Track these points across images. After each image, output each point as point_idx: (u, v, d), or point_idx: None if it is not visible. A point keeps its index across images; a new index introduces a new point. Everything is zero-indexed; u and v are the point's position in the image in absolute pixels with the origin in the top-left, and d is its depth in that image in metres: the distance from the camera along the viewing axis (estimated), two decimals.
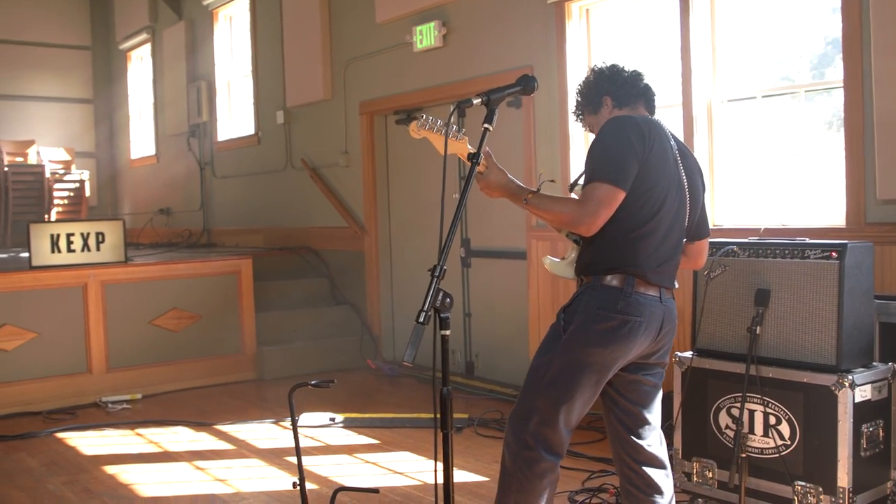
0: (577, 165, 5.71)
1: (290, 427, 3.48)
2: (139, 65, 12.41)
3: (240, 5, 9.66)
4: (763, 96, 4.77)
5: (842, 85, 4.29)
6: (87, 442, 5.34)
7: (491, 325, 6.66)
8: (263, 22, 9.05)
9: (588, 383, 2.68)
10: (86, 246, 6.54)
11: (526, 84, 2.28)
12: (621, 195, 2.57)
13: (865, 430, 3.30)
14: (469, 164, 2.36)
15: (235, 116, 9.96)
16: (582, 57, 5.71)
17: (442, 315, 2.05)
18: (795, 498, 3.34)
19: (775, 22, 4.81)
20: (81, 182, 11.72)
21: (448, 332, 2.07)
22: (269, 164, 9.06)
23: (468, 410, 5.70)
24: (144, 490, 4.37)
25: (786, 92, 4.73)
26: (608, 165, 2.60)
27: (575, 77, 5.68)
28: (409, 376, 6.89)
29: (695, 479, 3.72)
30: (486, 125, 2.21)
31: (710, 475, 3.65)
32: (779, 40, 4.81)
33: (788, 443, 3.39)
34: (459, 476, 4.42)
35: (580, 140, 5.72)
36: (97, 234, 6.62)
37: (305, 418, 5.56)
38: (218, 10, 10.01)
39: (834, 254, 3.30)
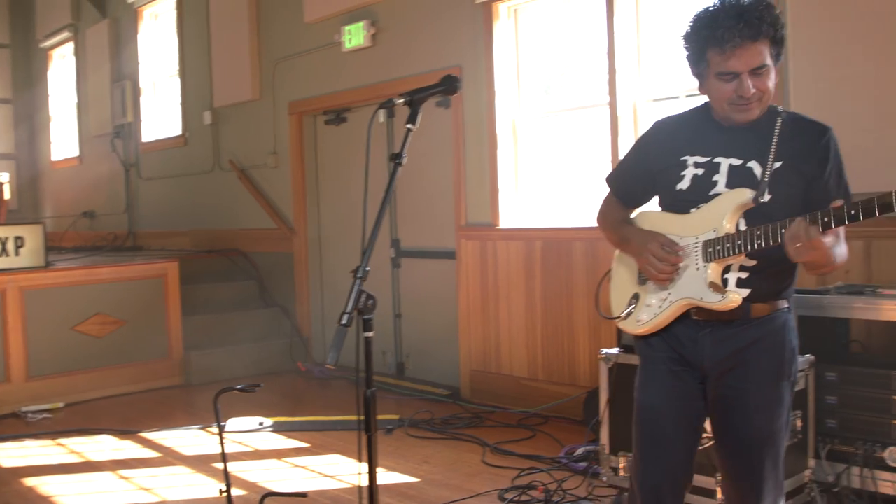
0: (505, 165, 5.74)
1: (217, 432, 3.42)
2: (61, 64, 12.08)
3: (165, 4, 9.48)
4: (687, 96, 4.86)
5: None
6: (5, 454, 5.17)
7: (421, 325, 6.66)
8: (190, 21, 8.89)
9: None
10: (4, 251, 6.34)
11: (449, 84, 2.28)
12: None
13: None
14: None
15: (161, 117, 9.77)
16: (510, 57, 5.74)
17: (365, 317, 2.04)
18: (718, 489, 3.40)
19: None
20: (0, 185, 11.34)
21: (371, 334, 2.06)
22: (196, 165, 8.91)
23: (399, 411, 5.69)
24: (66, 502, 4.25)
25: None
26: None
27: (504, 76, 5.72)
28: (339, 378, 6.84)
29: (621, 473, 3.77)
30: (409, 125, 2.21)
31: None
32: None
33: (711, 435, 3.44)
34: (389, 477, 4.41)
35: (509, 140, 5.76)
36: (16, 238, 6.42)
37: (234, 423, 5.48)
38: (143, 8, 9.81)
39: None
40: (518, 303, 5.66)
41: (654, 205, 2.59)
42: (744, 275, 2.32)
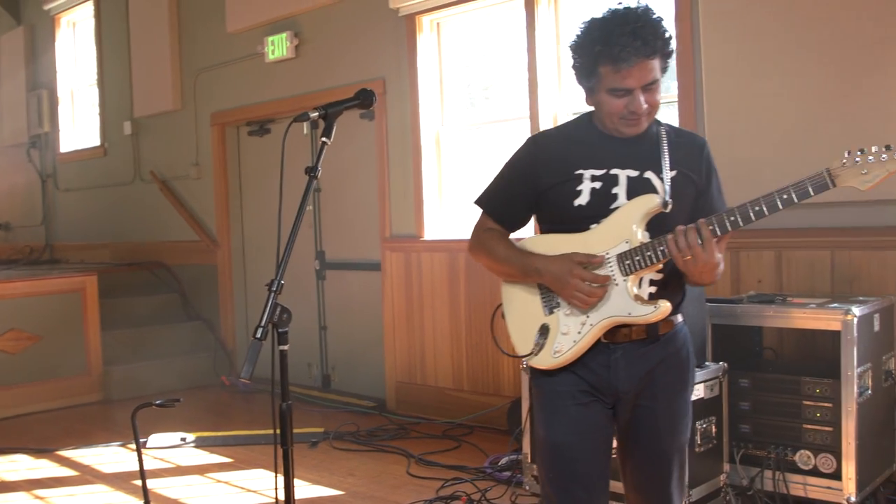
0: (429, 177, 5.77)
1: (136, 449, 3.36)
2: None
3: (83, 11, 9.28)
4: None
5: (676, 100, 4.52)
6: None
7: (347, 337, 6.63)
8: (109, 29, 8.72)
9: None
10: None
11: (364, 98, 2.28)
12: None
13: (700, 427, 3.46)
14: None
15: (80, 127, 9.56)
16: (434, 69, 5.78)
17: (280, 330, 2.04)
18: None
19: None
20: None
21: (286, 347, 2.06)
22: (116, 176, 8.73)
23: (324, 424, 5.65)
24: None
25: None
26: None
27: (427, 89, 5.75)
28: (264, 392, 6.77)
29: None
30: (323, 139, 2.20)
31: None
32: None
33: (618, 452, 3.51)
34: (313, 491, 4.38)
35: (433, 152, 5.79)
36: None
37: (155, 439, 5.38)
38: (60, 15, 9.59)
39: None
40: (442, 314, 5.69)
41: (530, 229, 2.50)
42: (653, 289, 2.26)
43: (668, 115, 4.73)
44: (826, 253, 4.03)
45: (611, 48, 2.13)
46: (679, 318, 2.37)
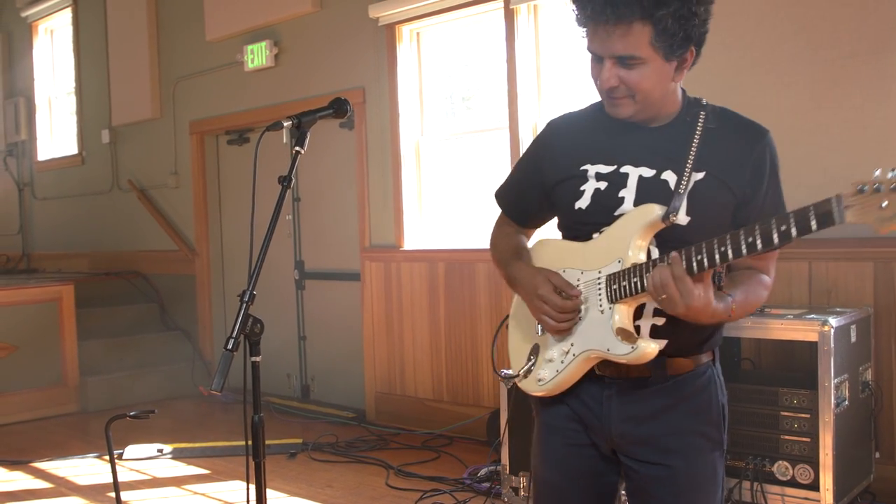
0: (409, 187, 5.76)
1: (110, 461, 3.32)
2: None
3: (61, 18, 9.22)
4: None
5: None
6: None
7: (326, 347, 6.60)
8: (87, 36, 8.67)
9: None
10: None
11: (338, 107, 2.26)
12: None
13: None
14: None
15: (57, 135, 9.48)
16: (413, 79, 5.77)
17: (252, 341, 2.01)
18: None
19: None
20: None
21: (259, 359, 2.03)
22: (94, 184, 8.66)
23: (303, 435, 5.61)
24: None
25: None
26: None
27: (407, 98, 5.74)
28: (242, 402, 6.71)
29: (522, 492, 3.80)
30: (297, 148, 2.17)
31: None
32: None
33: None
34: (292, 503, 4.34)
35: (412, 162, 5.78)
36: None
37: (131, 450, 5.32)
38: (38, 22, 9.52)
39: None
40: (422, 324, 5.67)
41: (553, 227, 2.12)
42: (660, 321, 1.83)
43: None
44: (804, 264, 4.05)
45: (582, 3, 1.76)
46: (706, 357, 1.92)
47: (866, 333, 3.76)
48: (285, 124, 2.15)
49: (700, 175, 1.80)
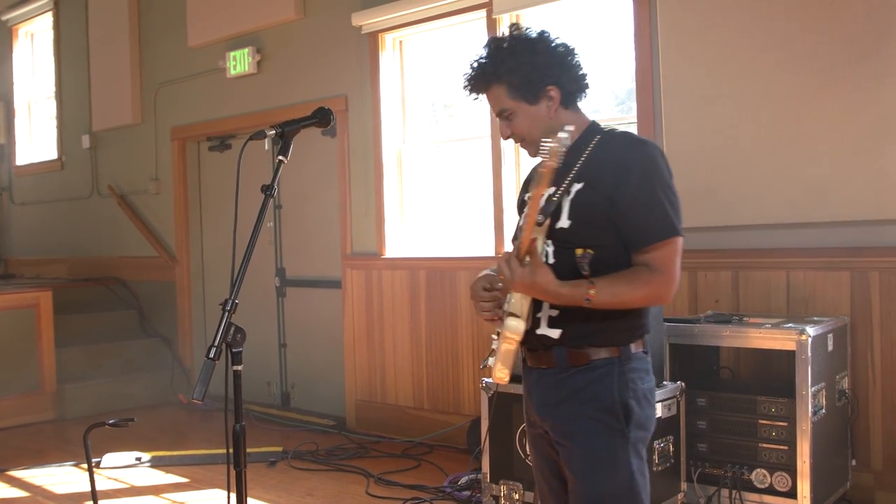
0: (391, 195, 5.76)
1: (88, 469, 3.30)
2: None
3: (42, 22, 9.17)
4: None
5: (636, 121, 4.57)
6: None
7: (307, 355, 6.58)
8: (68, 41, 8.62)
9: None
10: None
11: (322, 116, 2.27)
12: None
13: (657, 446, 3.48)
14: None
15: (36, 140, 9.42)
16: (395, 87, 5.78)
17: (234, 350, 2.01)
18: None
19: (582, 57, 5.03)
20: None
21: (240, 368, 2.03)
22: (73, 190, 8.61)
23: (283, 443, 5.59)
24: None
25: None
26: (677, 212, 2.08)
27: (389, 106, 5.75)
28: (222, 410, 6.67)
29: (502, 501, 3.80)
30: (280, 157, 2.18)
31: (517, 497, 3.75)
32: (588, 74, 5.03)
33: None
34: None
35: (394, 170, 5.79)
36: None
37: (110, 459, 5.28)
38: (18, 26, 9.46)
39: None
40: (403, 332, 5.67)
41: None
42: (554, 312, 2.10)
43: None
44: (782, 273, 4.09)
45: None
46: (602, 352, 2.10)
47: (843, 342, 3.80)
48: (269, 133, 2.15)
49: (580, 185, 2.09)
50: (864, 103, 3.84)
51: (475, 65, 2.16)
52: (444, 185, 5.72)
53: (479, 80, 2.16)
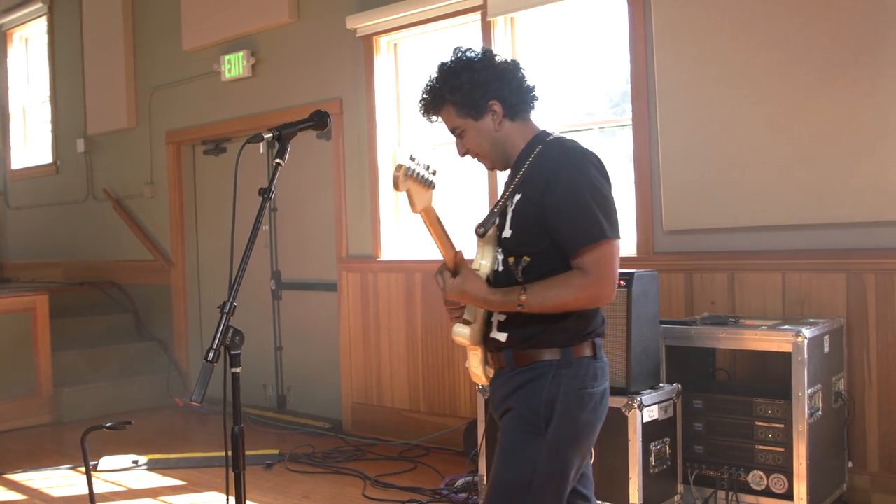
0: (386, 198, 5.77)
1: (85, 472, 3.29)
2: None
3: (36, 27, 9.16)
4: (561, 132, 4.98)
5: (630, 124, 4.58)
6: None
7: (303, 358, 6.58)
8: (62, 45, 8.62)
9: (573, 474, 2.24)
10: None
11: (319, 119, 2.28)
12: None
13: (654, 448, 3.49)
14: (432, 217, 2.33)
15: (32, 144, 9.41)
16: (390, 90, 5.79)
17: (232, 352, 2.01)
18: None
19: (577, 60, 5.06)
20: None
21: (239, 370, 2.03)
22: (68, 194, 8.60)
23: (279, 446, 5.59)
24: None
25: (584, 128, 4.98)
26: (611, 215, 2.16)
27: (384, 109, 5.76)
28: (218, 413, 6.66)
29: None
30: (277, 160, 2.19)
31: None
32: (581, 78, 5.05)
33: None
34: None
35: (389, 172, 5.77)
36: None
37: (106, 462, 5.28)
38: (12, 31, 9.45)
39: (622, 282, 3.48)
40: (399, 334, 5.67)
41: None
42: (502, 317, 2.26)
43: (623, 138, 4.79)
44: (777, 275, 4.10)
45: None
46: (544, 354, 2.20)
47: (839, 344, 3.81)
48: (266, 136, 2.16)
49: (519, 195, 2.23)
50: (860, 105, 3.85)
51: (427, 88, 2.31)
52: (439, 188, 5.70)
53: (430, 102, 2.31)
